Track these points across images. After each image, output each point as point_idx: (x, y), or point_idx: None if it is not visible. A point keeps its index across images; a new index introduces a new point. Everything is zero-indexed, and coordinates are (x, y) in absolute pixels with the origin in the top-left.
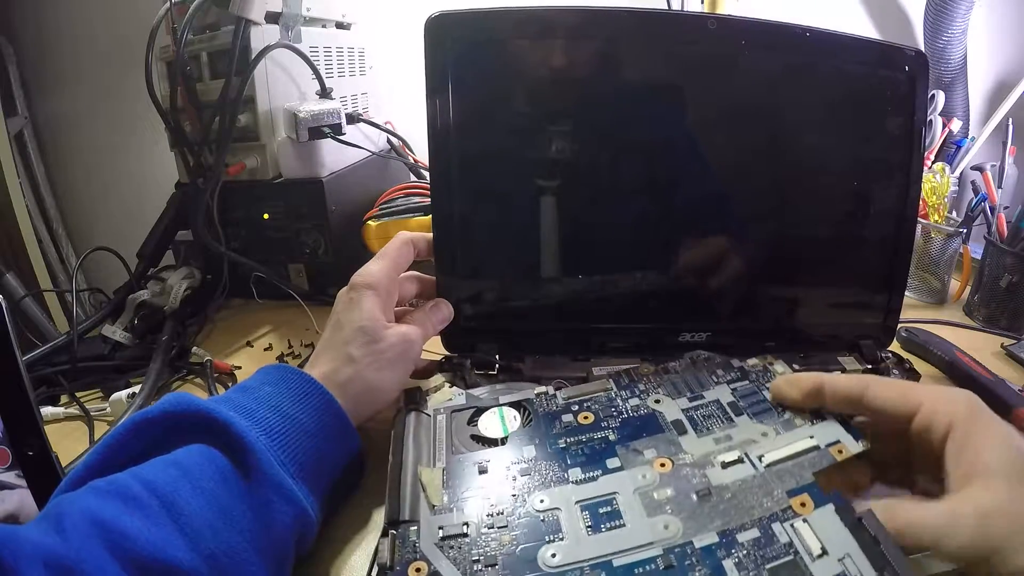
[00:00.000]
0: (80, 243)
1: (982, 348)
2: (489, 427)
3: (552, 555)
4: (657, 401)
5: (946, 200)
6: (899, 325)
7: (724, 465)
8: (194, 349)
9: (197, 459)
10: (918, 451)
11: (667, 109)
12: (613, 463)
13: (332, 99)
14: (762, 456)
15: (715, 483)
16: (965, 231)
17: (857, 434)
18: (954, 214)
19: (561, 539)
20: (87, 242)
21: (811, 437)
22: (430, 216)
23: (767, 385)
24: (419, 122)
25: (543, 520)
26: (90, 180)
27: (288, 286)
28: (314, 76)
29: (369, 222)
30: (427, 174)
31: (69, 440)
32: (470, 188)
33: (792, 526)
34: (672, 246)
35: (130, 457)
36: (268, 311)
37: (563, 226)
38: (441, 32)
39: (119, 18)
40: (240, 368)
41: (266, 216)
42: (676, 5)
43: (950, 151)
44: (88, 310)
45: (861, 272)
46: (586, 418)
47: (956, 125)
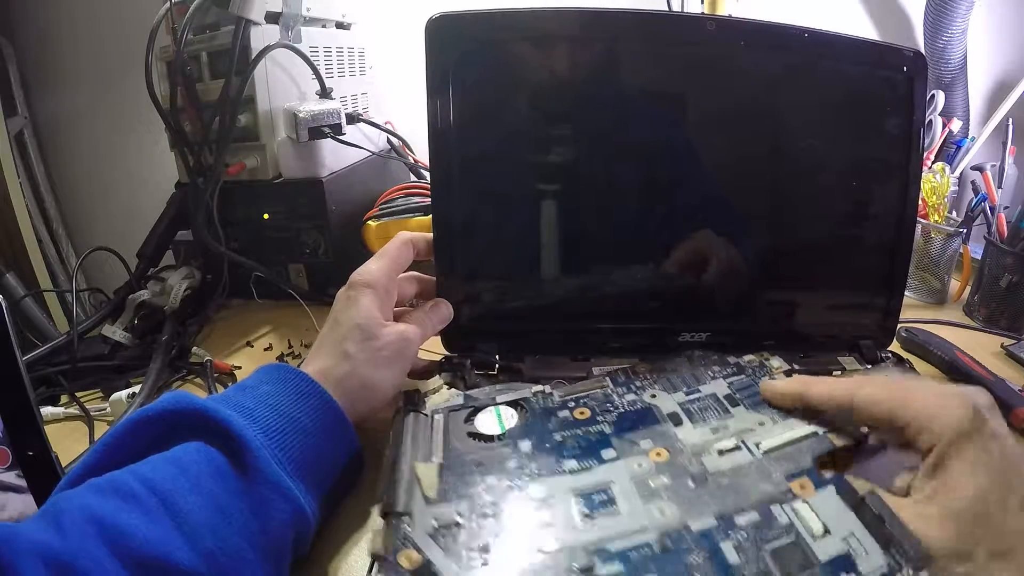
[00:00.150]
0: (80, 243)
1: (982, 348)
2: (486, 425)
3: (546, 541)
4: (653, 396)
5: (946, 200)
6: (899, 325)
7: (721, 453)
8: (194, 349)
9: (195, 457)
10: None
11: (667, 110)
12: (608, 454)
13: (332, 99)
14: (759, 443)
15: (712, 470)
16: (965, 231)
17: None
18: (954, 214)
19: (555, 526)
20: (87, 242)
21: (808, 423)
22: (430, 216)
23: (763, 378)
24: (419, 122)
25: (537, 509)
26: (90, 180)
27: (288, 286)
28: (314, 76)
29: (369, 222)
30: (427, 174)
31: (69, 440)
32: (470, 189)
33: (792, 508)
34: (672, 247)
35: (129, 456)
36: (268, 311)
37: (563, 226)
38: (442, 33)
39: (119, 18)
40: (240, 368)
41: (266, 216)
42: (676, 7)
43: (950, 151)
44: (88, 310)
45: (861, 272)
46: (582, 413)
47: (956, 125)
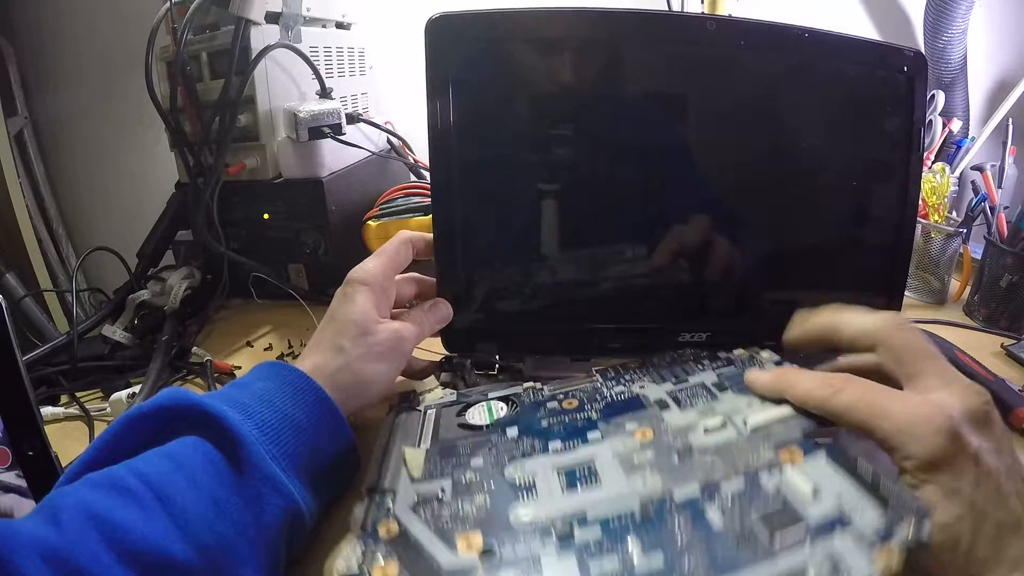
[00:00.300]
0: (80, 243)
1: (982, 348)
2: (476, 417)
3: (525, 511)
4: (641, 387)
5: (946, 200)
6: None
7: (707, 431)
8: (194, 349)
9: (190, 452)
10: None
11: (667, 111)
12: (594, 436)
13: (332, 99)
14: (746, 420)
15: (697, 445)
16: (965, 231)
17: None
18: (954, 214)
19: (536, 498)
20: (87, 242)
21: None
22: (430, 216)
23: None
24: (419, 122)
25: (519, 483)
26: (90, 180)
27: (288, 286)
28: (314, 76)
29: (369, 222)
30: (427, 174)
31: (69, 440)
32: (470, 189)
33: (780, 473)
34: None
35: (126, 452)
36: (268, 311)
37: (563, 226)
38: (441, 33)
39: (119, 18)
40: (240, 368)
41: (266, 216)
42: (676, 7)
43: (950, 151)
44: (88, 310)
45: (860, 272)
46: (570, 403)
47: (956, 125)
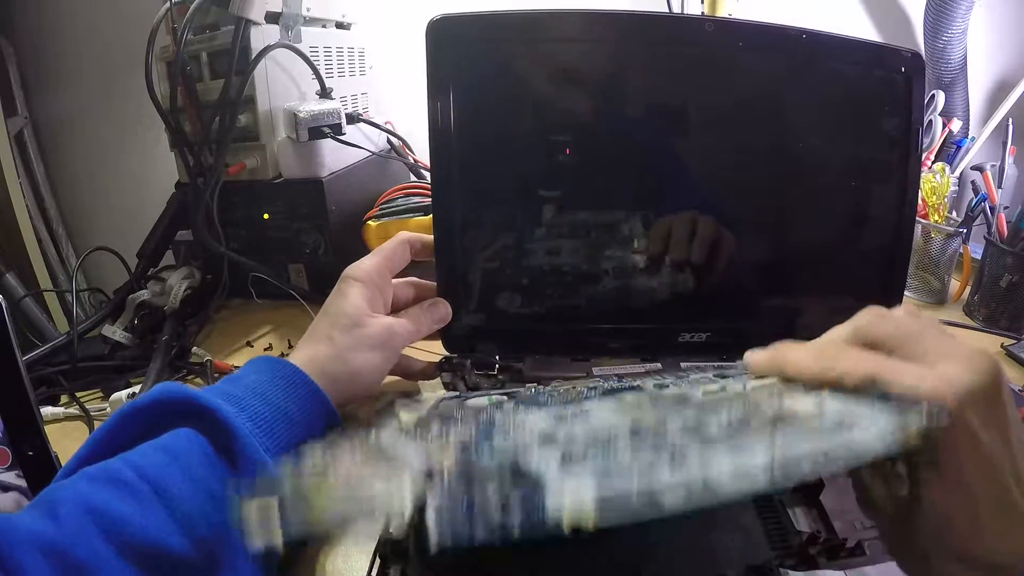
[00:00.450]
0: (80, 243)
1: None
2: (475, 403)
3: (503, 437)
4: (639, 384)
5: (946, 200)
6: None
7: (706, 393)
8: (194, 349)
9: (185, 444)
10: None
11: (666, 112)
12: (589, 405)
13: (332, 99)
14: (746, 385)
15: (694, 401)
16: (965, 231)
17: None
18: (954, 214)
19: (523, 426)
20: (87, 242)
21: None
22: (430, 216)
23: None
24: (419, 122)
25: (508, 422)
26: (90, 180)
27: (288, 286)
28: (314, 76)
29: (369, 222)
30: (427, 174)
31: (69, 440)
32: (471, 190)
33: (782, 399)
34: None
35: (122, 447)
36: (268, 311)
37: (563, 227)
38: (442, 35)
39: (119, 18)
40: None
41: (266, 216)
42: (676, 7)
43: (950, 151)
44: (88, 310)
45: (860, 272)
46: (568, 391)
47: (956, 125)
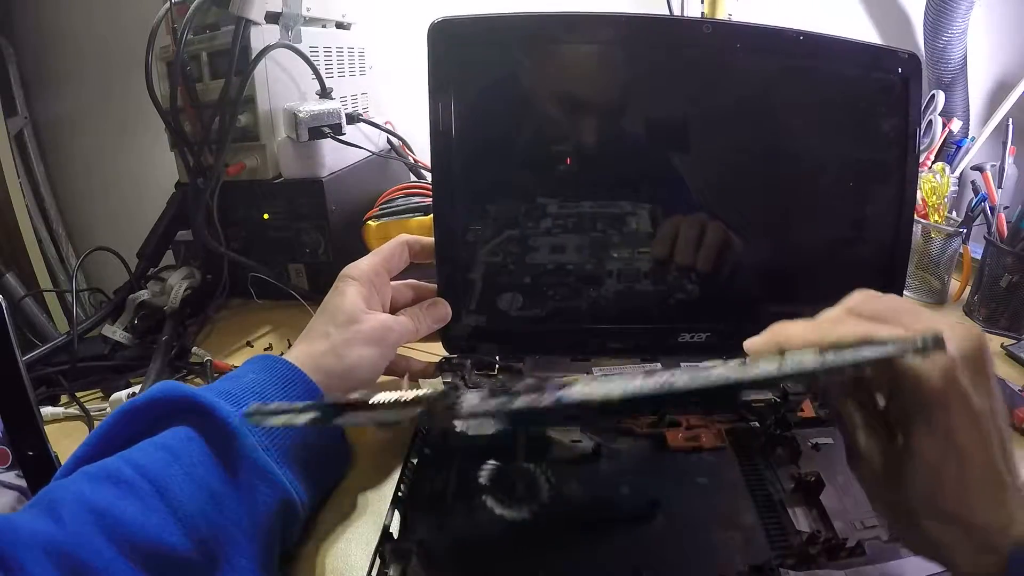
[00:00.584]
0: (80, 243)
1: None
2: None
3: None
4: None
5: (946, 200)
6: None
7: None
8: (194, 349)
9: (185, 443)
10: None
11: (666, 113)
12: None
13: (332, 99)
14: (747, 359)
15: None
16: (965, 231)
17: None
18: (954, 214)
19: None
20: (87, 242)
21: None
22: (430, 216)
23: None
24: (419, 122)
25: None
26: (90, 180)
27: (288, 286)
28: (314, 76)
29: (369, 222)
30: (427, 174)
31: (69, 440)
32: (472, 192)
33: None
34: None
35: (121, 445)
36: (268, 311)
37: (565, 228)
38: (444, 37)
39: (119, 18)
40: None
41: (266, 216)
42: (677, 7)
43: (950, 151)
44: (88, 310)
45: (859, 273)
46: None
47: (956, 125)
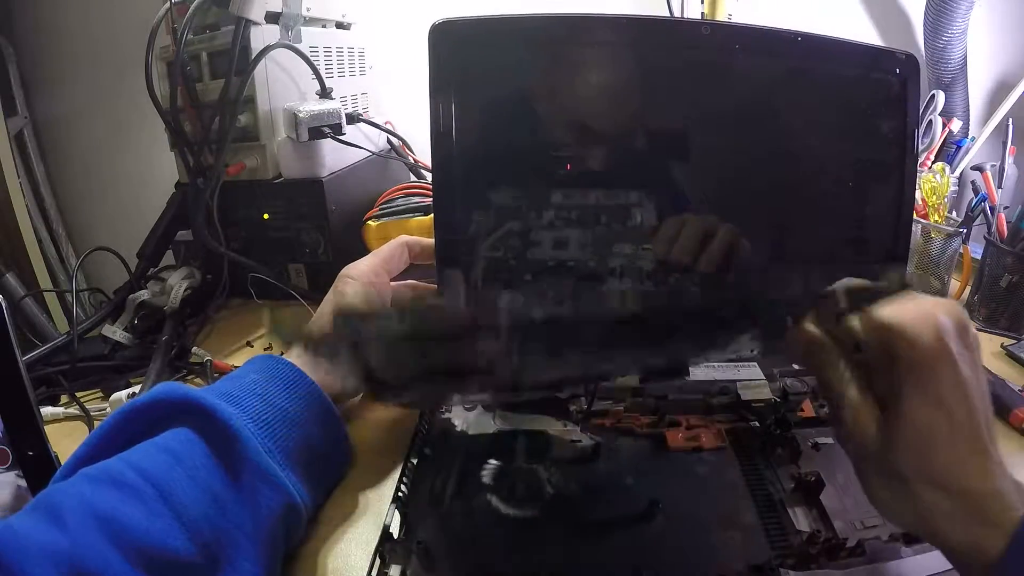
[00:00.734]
0: (80, 243)
1: (982, 348)
2: None
3: None
4: None
5: (946, 200)
6: None
7: None
8: (194, 349)
9: (187, 446)
10: None
11: (665, 113)
12: None
13: (332, 99)
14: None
15: None
16: (965, 231)
17: None
18: (954, 214)
19: None
20: (87, 242)
21: None
22: (430, 216)
23: None
24: (419, 122)
25: None
26: (90, 180)
27: (288, 286)
28: (314, 76)
29: (369, 222)
30: (427, 174)
31: (69, 440)
32: (472, 194)
33: None
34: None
35: (121, 447)
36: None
37: (566, 227)
38: (445, 39)
39: (119, 18)
40: None
41: (266, 216)
42: (677, 7)
43: (950, 151)
44: (88, 310)
45: (858, 273)
46: None
47: (956, 125)
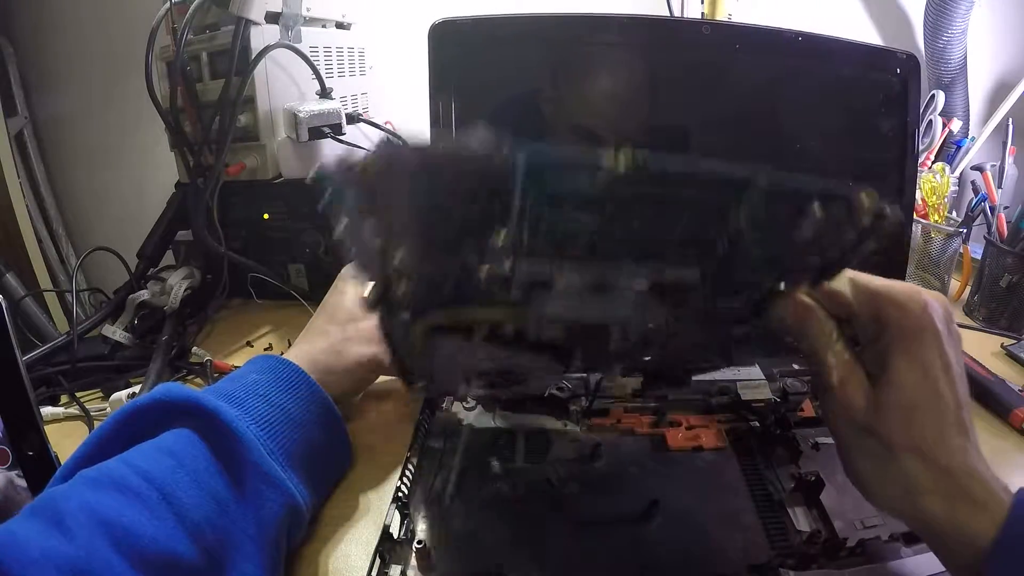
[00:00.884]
0: (80, 243)
1: (982, 348)
2: None
3: None
4: None
5: (946, 200)
6: None
7: None
8: (194, 349)
9: (189, 448)
10: None
11: (665, 112)
12: None
13: (332, 99)
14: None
15: None
16: (965, 231)
17: None
18: (954, 214)
19: None
20: (87, 242)
21: None
22: None
23: None
24: (419, 122)
25: None
26: (90, 180)
27: (288, 286)
28: (314, 76)
29: None
30: None
31: (69, 440)
32: None
33: None
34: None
35: (121, 447)
36: (268, 311)
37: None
38: (445, 39)
39: (119, 18)
40: None
41: (266, 216)
42: (677, 7)
43: (950, 151)
44: (88, 310)
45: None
46: None
47: (956, 125)
